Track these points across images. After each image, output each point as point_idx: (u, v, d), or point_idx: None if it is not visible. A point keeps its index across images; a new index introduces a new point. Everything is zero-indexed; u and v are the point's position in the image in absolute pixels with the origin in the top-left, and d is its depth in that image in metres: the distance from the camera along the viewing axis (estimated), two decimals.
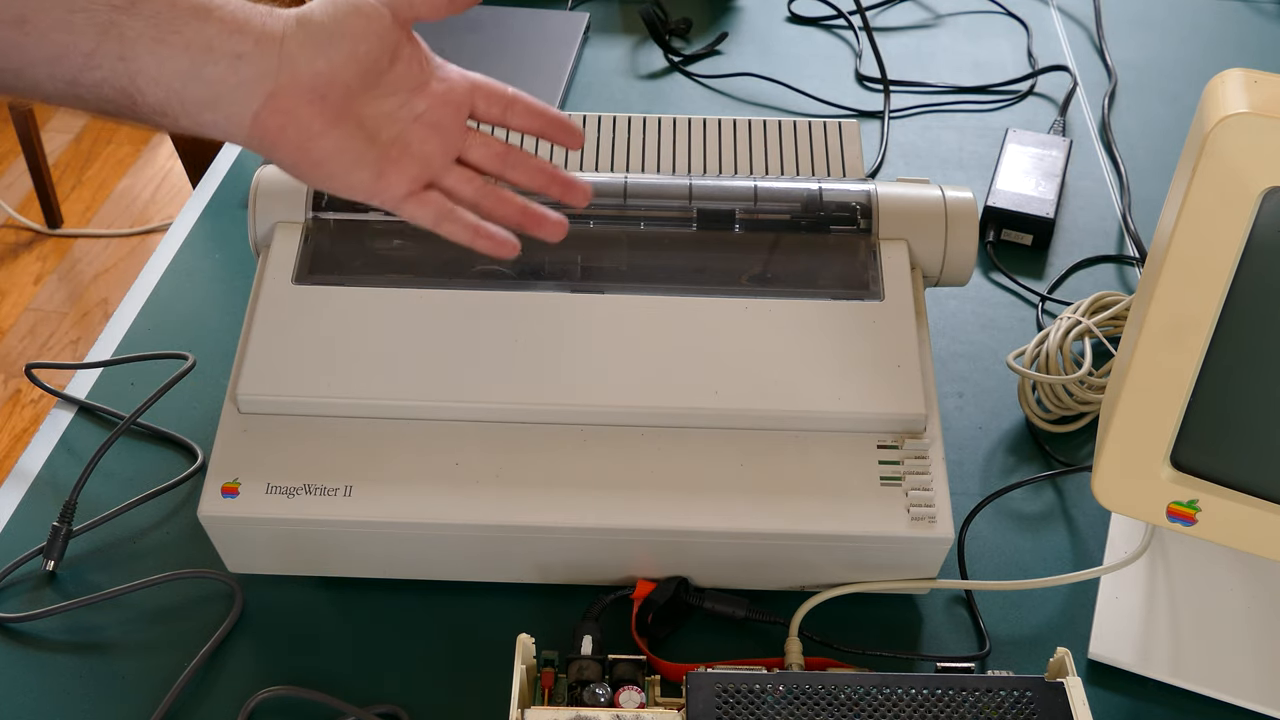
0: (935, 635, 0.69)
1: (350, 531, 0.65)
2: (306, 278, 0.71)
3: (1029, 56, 1.18)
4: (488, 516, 0.64)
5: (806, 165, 0.79)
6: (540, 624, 0.67)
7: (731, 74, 1.16)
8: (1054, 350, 0.80)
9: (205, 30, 0.55)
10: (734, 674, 0.59)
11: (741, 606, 0.67)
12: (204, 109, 0.57)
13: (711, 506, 0.65)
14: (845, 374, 0.67)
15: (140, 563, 0.72)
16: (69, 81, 0.55)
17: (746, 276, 0.72)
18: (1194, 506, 0.60)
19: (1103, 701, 0.66)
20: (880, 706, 0.57)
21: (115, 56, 0.54)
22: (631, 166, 0.79)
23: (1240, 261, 0.53)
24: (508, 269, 0.73)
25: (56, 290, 2.27)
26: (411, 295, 0.70)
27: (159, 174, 2.54)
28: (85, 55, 0.54)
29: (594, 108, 1.11)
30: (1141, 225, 0.98)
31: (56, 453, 0.78)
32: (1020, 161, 1.00)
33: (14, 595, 0.70)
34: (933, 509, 0.65)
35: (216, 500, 0.64)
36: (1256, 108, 0.50)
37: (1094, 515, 0.75)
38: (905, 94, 1.14)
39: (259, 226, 0.74)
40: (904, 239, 0.73)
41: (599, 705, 0.59)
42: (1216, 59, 1.19)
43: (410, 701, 0.65)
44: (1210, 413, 0.58)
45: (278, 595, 0.70)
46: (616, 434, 0.67)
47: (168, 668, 0.66)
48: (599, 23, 1.23)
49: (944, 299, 0.91)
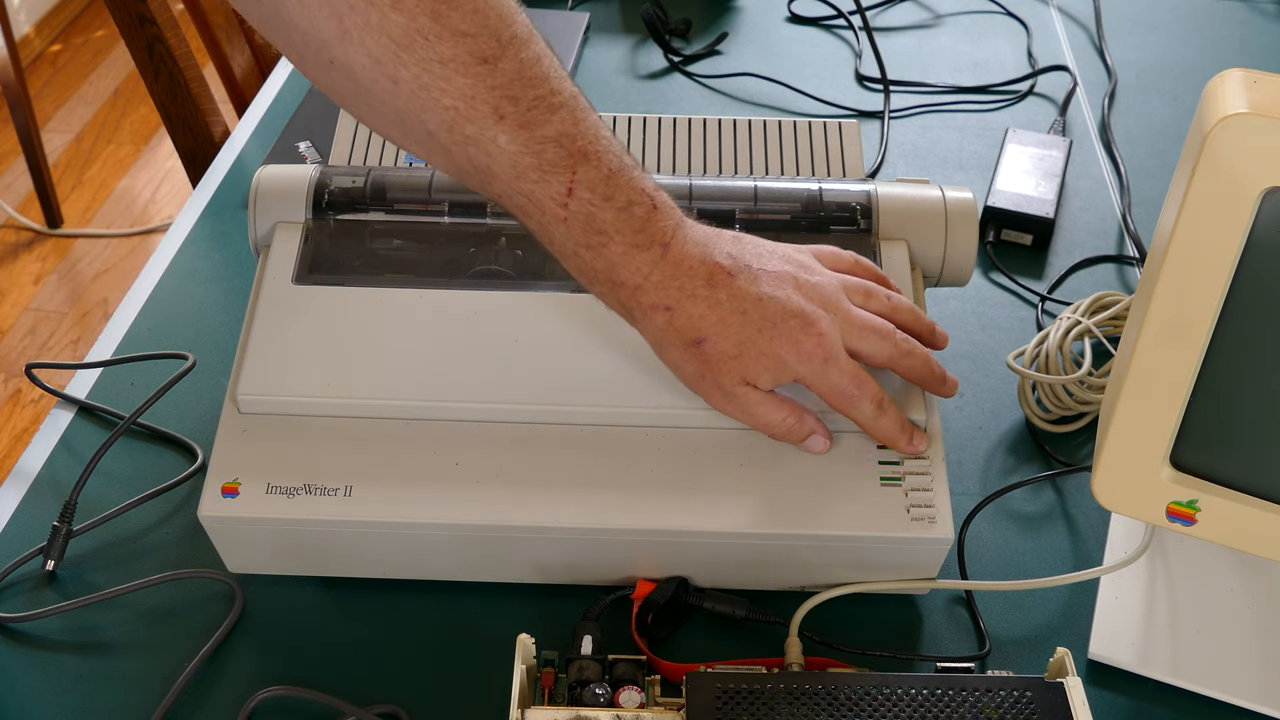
0: (935, 635, 0.69)
1: (350, 531, 0.65)
2: (306, 278, 0.71)
3: (1029, 56, 1.18)
4: (488, 516, 0.64)
5: (806, 165, 0.79)
6: (540, 624, 0.67)
7: (731, 74, 1.16)
8: (1054, 350, 0.80)
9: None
10: (734, 674, 0.59)
11: (741, 606, 0.67)
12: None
13: (711, 506, 0.65)
14: None
15: (140, 563, 0.72)
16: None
17: None
18: (1194, 506, 0.60)
19: (1103, 701, 0.66)
20: (880, 706, 0.57)
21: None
22: None
23: (1240, 261, 0.53)
24: (508, 269, 0.73)
25: (56, 290, 2.27)
26: (411, 295, 0.70)
27: (159, 174, 2.54)
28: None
29: (594, 107, 1.11)
30: (1141, 225, 0.98)
31: (56, 453, 0.78)
32: (1020, 161, 1.00)
33: (14, 595, 0.70)
34: (933, 509, 0.65)
35: (216, 500, 0.64)
36: (1256, 108, 0.50)
37: (1094, 515, 0.75)
38: (905, 94, 1.14)
39: (259, 226, 0.74)
40: (904, 239, 0.73)
41: (599, 705, 0.59)
42: (1216, 59, 1.19)
43: (410, 701, 0.65)
44: (1210, 413, 0.58)
45: (278, 595, 0.70)
46: (616, 434, 0.67)
47: (168, 668, 0.66)
48: (599, 23, 1.23)
49: (944, 299, 0.91)
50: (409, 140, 0.62)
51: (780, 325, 0.63)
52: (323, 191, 0.75)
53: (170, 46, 1.12)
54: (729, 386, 0.64)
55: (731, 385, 0.64)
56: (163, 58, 1.13)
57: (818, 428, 0.66)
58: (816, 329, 0.63)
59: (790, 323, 0.63)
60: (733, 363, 0.63)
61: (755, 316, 0.63)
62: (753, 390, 0.64)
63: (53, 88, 2.78)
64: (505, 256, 0.73)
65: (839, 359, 0.64)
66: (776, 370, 0.63)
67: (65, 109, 2.72)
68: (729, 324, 0.63)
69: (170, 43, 1.12)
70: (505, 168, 0.60)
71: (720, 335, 0.63)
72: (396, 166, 0.78)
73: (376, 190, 0.75)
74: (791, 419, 0.65)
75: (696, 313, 0.62)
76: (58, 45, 2.91)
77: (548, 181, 0.60)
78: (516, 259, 0.73)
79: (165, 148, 2.58)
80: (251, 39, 1.28)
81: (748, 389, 0.64)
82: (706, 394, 0.65)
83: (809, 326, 0.63)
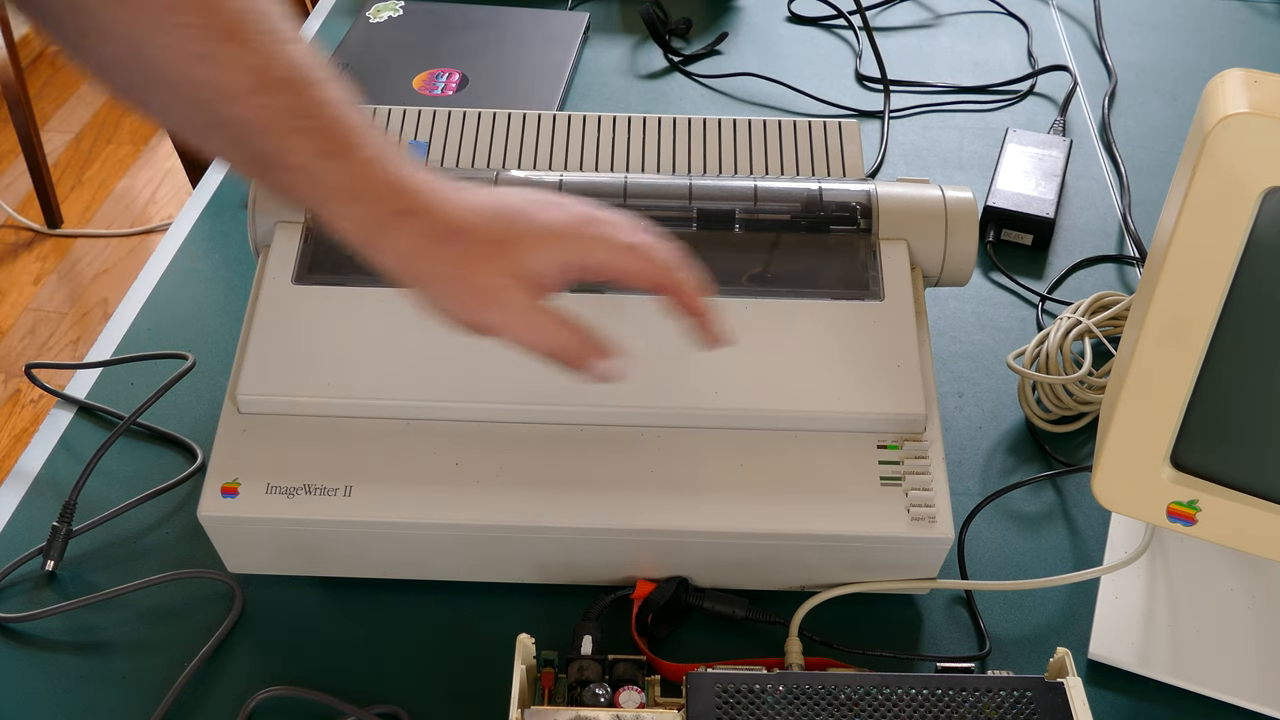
0: (935, 635, 0.69)
1: (350, 531, 0.65)
2: (306, 278, 0.71)
3: (1029, 56, 1.18)
4: (488, 516, 0.64)
5: (806, 165, 0.79)
6: (540, 624, 0.67)
7: (731, 74, 1.15)
8: (1054, 350, 0.80)
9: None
10: (734, 674, 0.59)
11: (741, 606, 0.67)
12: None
13: (711, 506, 0.65)
14: (845, 374, 0.67)
15: (140, 563, 0.72)
16: (232, 142, 0.56)
17: (746, 276, 0.72)
18: (1194, 506, 0.60)
19: (1103, 701, 0.66)
20: (880, 706, 0.57)
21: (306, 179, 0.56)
22: (631, 166, 0.79)
23: (1240, 261, 0.53)
24: None
25: (56, 290, 2.27)
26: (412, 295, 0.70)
27: (159, 174, 2.53)
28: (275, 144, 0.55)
29: (594, 108, 1.11)
30: (1141, 225, 0.98)
31: (56, 453, 0.78)
32: (1020, 161, 1.00)
33: (14, 595, 0.70)
34: (933, 509, 0.65)
35: (216, 500, 0.64)
36: (1256, 108, 0.50)
37: (1094, 515, 0.75)
38: (905, 94, 1.14)
39: (259, 226, 0.74)
40: (904, 239, 0.73)
41: (599, 705, 0.59)
42: (1216, 59, 1.19)
43: (410, 701, 0.65)
44: (1210, 413, 0.58)
45: (278, 595, 0.70)
46: (616, 434, 0.67)
47: (168, 668, 0.66)
48: (599, 23, 1.23)
49: (944, 299, 0.91)
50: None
51: (540, 204, 0.59)
52: None
53: None
54: (494, 285, 0.57)
55: (495, 282, 0.57)
56: None
57: (601, 348, 0.60)
58: (579, 208, 0.60)
59: (550, 202, 0.60)
60: (495, 250, 0.57)
61: (519, 199, 0.59)
62: (518, 290, 0.58)
63: (53, 88, 2.78)
64: None
65: (611, 221, 0.60)
66: (545, 246, 0.58)
67: (65, 109, 2.72)
68: (488, 210, 0.58)
69: None
70: (248, 81, 0.54)
71: (482, 223, 0.57)
72: None
73: None
74: (571, 332, 0.59)
75: (454, 206, 0.57)
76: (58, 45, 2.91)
77: (296, 89, 0.55)
78: None
79: (165, 148, 2.58)
80: None
81: (517, 289, 0.58)
82: (464, 304, 0.58)
83: (573, 205, 0.60)
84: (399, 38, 1.16)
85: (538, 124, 0.80)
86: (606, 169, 0.79)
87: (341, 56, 1.13)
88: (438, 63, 1.12)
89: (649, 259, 0.60)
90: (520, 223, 0.58)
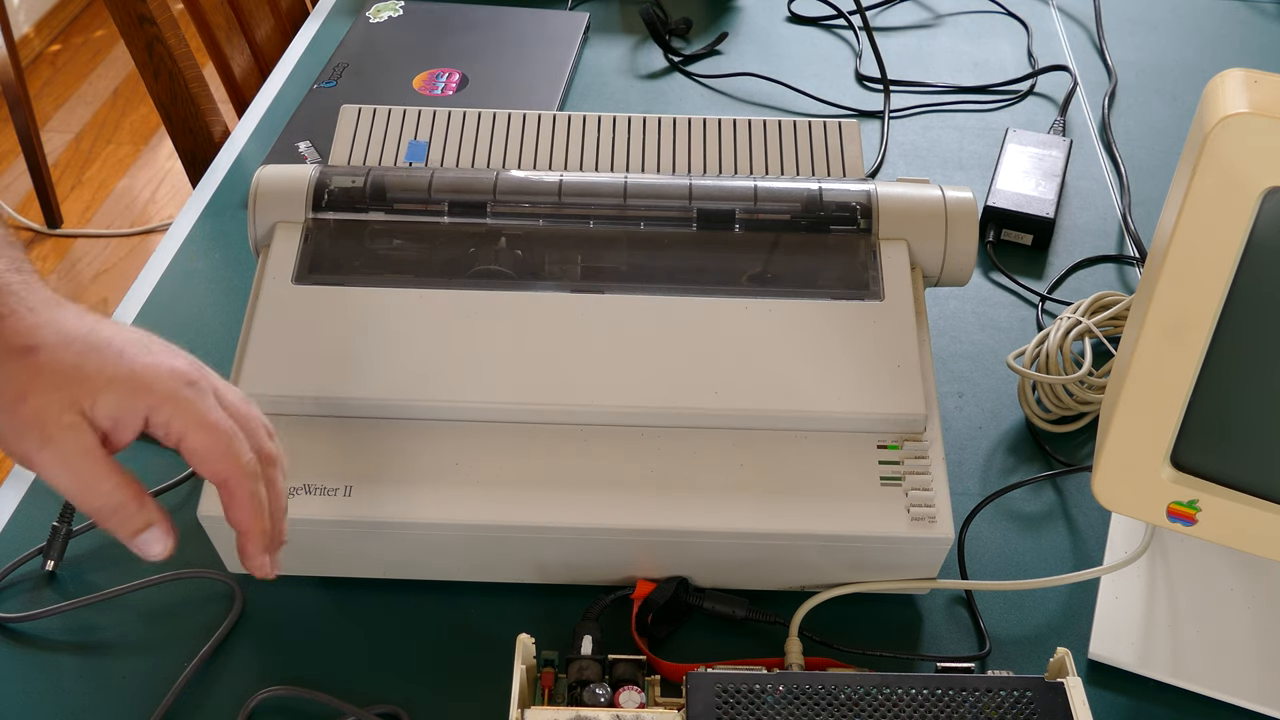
0: (935, 635, 0.69)
1: (350, 531, 0.65)
2: (306, 278, 0.71)
3: (1029, 56, 1.18)
4: (488, 516, 0.64)
5: (806, 165, 0.79)
6: (540, 624, 0.67)
7: (731, 74, 1.15)
8: (1054, 350, 0.80)
9: None
10: (734, 674, 0.59)
11: (741, 606, 0.67)
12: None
13: (711, 506, 0.65)
14: (845, 374, 0.67)
15: (140, 563, 0.71)
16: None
17: (746, 276, 0.72)
18: (1194, 506, 0.60)
19: (1103, 701, 0.66)
20: (880, 706, 0.57)
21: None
22: (631, 166, 0.79)
23: (1240, 261, 0.53)
24: (508, 269, 0.73)
25: (56, 290, 2.27)
26: (411, 295, 0.70)
27: (159, 174, 2.53)
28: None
29: (594, 108, 1.11)
30: (1141, 225, 0.98)
31: None
32: (1020, 161, 1.00)
33: (14, 595, 0.70)
34: (933, 509, 0.65)
35: (216, 500, 0.64)
36: (1256, 108, 0.50)
37: (1094, 515, 0.75)
38: (905, 94, 1.14)
39: (259, 226, 0.74)
40: (904, 239, 0.73)
41: (599, 705, 0.59)
42: (1216, 59, 1.19)
43: (410, 701, 0.65)
44: (1210, 413, 0.58)
45: (278, 595, 0.70)
46: (616, 434, 0.67)
47: (168, 668, 0.66)
48: (599, 23, 1.23)
49: (944, 299, 0.91)
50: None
51: (140, 346, 0.53)
52: (322, 191, 0.75)
53: (170, 46, 1.12)
54: (53, 416, 0.50)
55: (58, 415, 0.50)
56: (163, 58, 1.13)
57: (160, 517, 0.54)
58: (183, 362, 0.54)
59: (153, 347, 0.54)
60: (69, 377, 0.51)
61: (109, 335, 0.53)
62: (84, 431, 0.51)
63: (53, 88, 2.78)
64: (505, 256, 0.73)
65: (212, 390, 0.54)
66: (128, 389, 0.51)
67: (65, 109, 2.72)
68: (76, 336, 0.52)
69: (170, 43, 1.12)
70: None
71: (61, 345, 0.51)
72: (396, 166, 0.78)
73: (376, 190, 0.75)
74: (128, 491, 0.52)
75: (36, 321, 0.52)
76: (57, 45, 2.91)
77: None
78: (516, 259, 0.73)
79: (165, 148, 2.58)
80: (251, 39, 1.28)
81: (79, 430, 0.50)
82: (14, 430, 0.50)
83: (177, 357, 0.54)
84: (399, 38, 1.16)
85: (538, 124, 0.80)
86: (606, 169, 0.79)
87: (341, 56, 1.13)
88: (438, 63, 1.12)
89: (227, 449, 0.54)
90: (109, 358, 0.52)
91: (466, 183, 0.75)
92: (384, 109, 0.81)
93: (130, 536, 0.53)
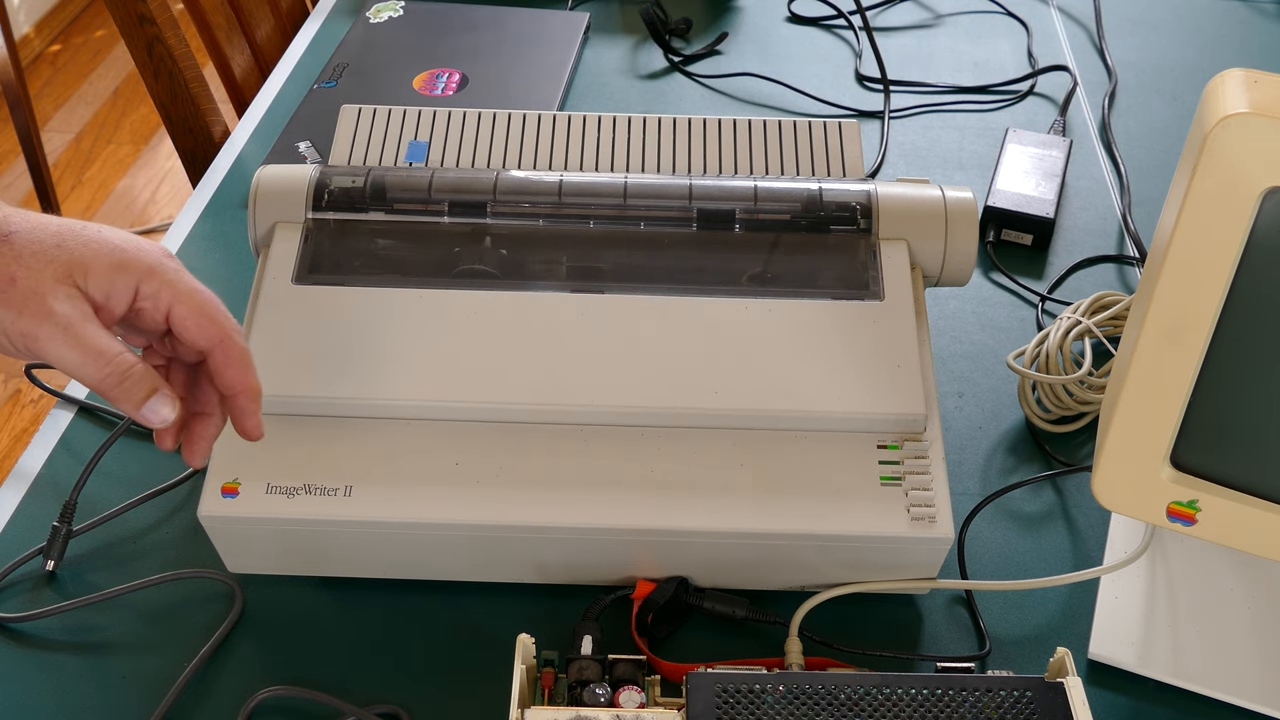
0: (935, 635, 0.69)
1: (350, 531, 0.65)
2: (306, 278, 0.71)
3: (1029, 56, 1.18)
4: (488, 516, 0.64)
5: (806, 165, 0.79)
6: (540, 624, 0.67)
7: (731, 74, 1.16)
8: (1054, 350, 0.80)
9: None
10: (734, 674, 0.59)
11: (741, 606, 0.67)
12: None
13: (711, 506, 0.65)
14: (845, 374, 0.67)
15: (140, 563, 0.72)
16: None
17: (746, 276, 0.72)
18: (1194, 506, 0.60)
19: (1103, 701, 0.66)
20: (880, 706, 0.57)
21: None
22: (631, 166, 0.79)
23: (1240, 261, 0.53)
24: (508, 269, 0.73)
25: None
26: (411, 295, 0.70)
27: (159, 174, 2.53)
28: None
29: (594, 108, 1.11)
30: (1141, 225, 0.98)
31: (56, 453, 0.78)
32: (1020, 161, 1.00)
33: (14, 595, 0.70)
34: (933, 509, 0.65)
35: (216, 500, 0.64)
36: (1256, 108, 0.50)
37: (1094, 515, 0.75)
38: (905, 94, 1.14)
39: (259, 226, 0.74)
40: (904, 239, 0.73)
41: (599, 705, 0.59)
42: (1216, 59, 1.19)
43: (410, 701, 0.65)
44: (1210, 413, 0.58)
45: (278, 595, 0.70)
46: (616, 434, 0.67)
47: (168, 668, 0.66)
48: (599, 23, 1.23)
49: (944, 299, 0.91)
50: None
51: (111, 229, 0.54)
52: (322, 191, 0.75)
53: (170, 46, 1.12)
54: (50, 288, 0.50)
55: (54, 286, 0.51)
56: (163, 58, 1.13)
57: (162, 382, 0.54)
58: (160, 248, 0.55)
59: (121, 231, 0.54)
60: (54, 256, 0.51)
61: (79, 222, 0.54)
62: (82, 300, 0.51)
63: (53, 88, 2.78)
64: (505, 257, 0.73)
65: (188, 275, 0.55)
66: (115, 262, 0.52)
67: (65, 109, 2.72)
68: (50, 222, 0.52)
69: (170, 43, 1.12)
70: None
71: (37, 228, 0.52)
72: (396, 166, 0.78)
73: (376, 190, 0.75)
74: (132, 357, 0.53)
75: (4, 212, 0.52)
76: (58, 45, 2.91)
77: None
78: (516, 259, 0.73)
79: (165, 148, 2.58)
80: (251, 39, 1.28)
81: (75, 297, 0.51)
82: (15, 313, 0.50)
83: (151, 243, 0.55)
84: (399, 38, 1.16)
85: (538, 124, 0.80)
86: (606, 169, 0.79)
87: (341, 56, 1.13)
88: (438, 63, 1.12)
89: (216, 311, 0.55)
90: (90, 236, 0.52)
91: (467, 183, 0.75)
92: (384, 109, 0.81)
93: (139, 404, 0.53)
